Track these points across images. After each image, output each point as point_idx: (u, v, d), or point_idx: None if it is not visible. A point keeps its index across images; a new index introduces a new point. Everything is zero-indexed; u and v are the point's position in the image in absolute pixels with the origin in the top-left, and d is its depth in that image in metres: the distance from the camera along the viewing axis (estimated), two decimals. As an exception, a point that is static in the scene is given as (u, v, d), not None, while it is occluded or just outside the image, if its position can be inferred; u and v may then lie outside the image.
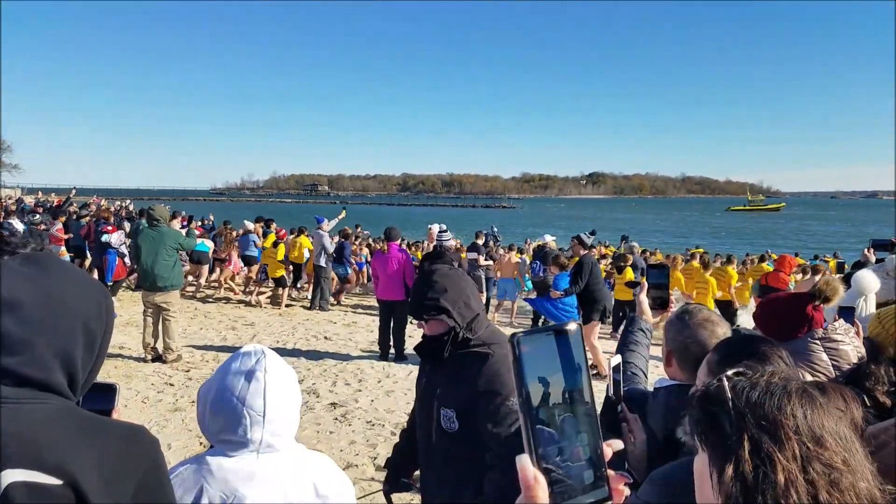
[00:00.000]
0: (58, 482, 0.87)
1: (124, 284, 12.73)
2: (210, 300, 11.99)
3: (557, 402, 0.64)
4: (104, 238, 10.52)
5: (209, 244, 12.64)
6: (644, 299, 2.23)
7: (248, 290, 12.88)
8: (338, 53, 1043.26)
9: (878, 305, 3.64)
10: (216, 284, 13.21)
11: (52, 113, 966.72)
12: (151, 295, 7.15)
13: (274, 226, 12.76)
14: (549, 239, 11.79)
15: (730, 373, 0.83)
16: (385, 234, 8.65)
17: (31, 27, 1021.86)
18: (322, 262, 11.39)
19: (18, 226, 12.52)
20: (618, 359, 1.80)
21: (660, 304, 2.27)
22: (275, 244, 11.76)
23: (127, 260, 10.82)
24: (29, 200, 21.42)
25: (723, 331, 1.68)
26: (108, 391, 1.27)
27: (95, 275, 11.05)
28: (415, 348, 2.09)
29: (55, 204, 18.60)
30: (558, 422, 0.64)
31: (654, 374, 3.08)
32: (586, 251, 8.08)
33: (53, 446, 0.89)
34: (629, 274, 10.50)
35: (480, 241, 12.30)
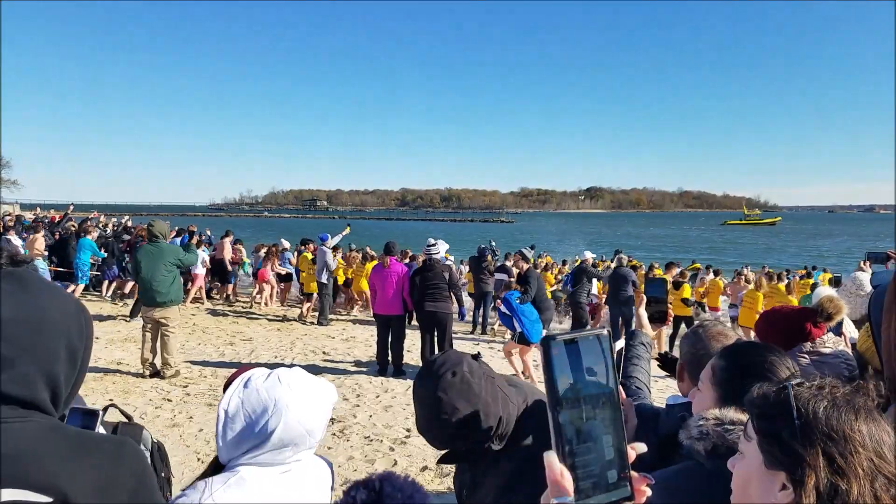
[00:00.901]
0: (48, 500, 0.88)
1: (121, 300, 12.77)
2: (209, 314, 11.98)
3: (586, 403, 0.67)
4: None
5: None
6: (643, 313, 2.24)
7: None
8: (336, 68, 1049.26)
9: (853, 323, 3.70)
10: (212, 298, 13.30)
11: (49, 128, 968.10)
12: (150, 310, 7.16)
13: (311, 245, 13.10)
14: (589, 256, 12.00)
15: (794, 382, 0.88)
16: (385, 249, 8.66)
17: (27, 41, 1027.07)
18: (324, 279, 11.48)
19: (16, 241, 12.55)
20: (620, 343, 1.82)
21: (658, 317, 2.28)
22: (314, 261, 12.09)
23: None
24: (28, 216, 21.40)
25: None
26: (91, 416, 1.28)
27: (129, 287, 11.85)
28: (438, 462, 1.65)
29: (53, 220, 18.63)
30: (585, 422, 0.66)
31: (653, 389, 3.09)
32: (529, 265, 8.50)
33: (42, 464, 0.90)
34: (686, 291, 10.88)
35: (510, 263, 12.57)
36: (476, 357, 1.52)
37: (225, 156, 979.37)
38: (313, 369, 7.91)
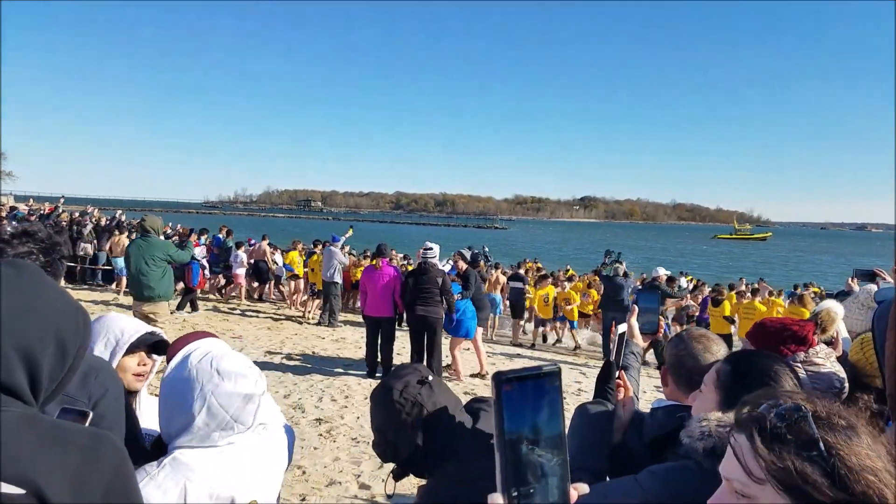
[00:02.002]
0: (21, 492, 0.87)
1: (115, 295, 12.76)
2: (204, 310, 11.94)
3: (533, 444, 0.66)
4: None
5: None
6: (635, 323, 2.23)
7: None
8: (333, 70, 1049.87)
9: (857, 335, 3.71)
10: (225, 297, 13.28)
11: (43, 120, 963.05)
12: (140, 305, 7.12)
13: (320, 247, 13.36)
14: (662, 272, 11.47)
15: (808, 408, 0.80)
16: (376, 251, 8.67)
17: (22, 33, 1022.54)
18: (336, 278, 11.57)
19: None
20: (623, 327, 1.84)
21: (649, 328, 2.27)
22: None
23: (207, 272, 12.35)
24: (22, 208, 21.26)
25: (717, 347, 1.68)
26: (82, 417, 1.29)
27: (181, 285, 12.35)
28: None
29: (46, 212, 18.54)
30: (532, 463, 0.66)
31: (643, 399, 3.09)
32: (467, 265, 8.87)
33: (16, 455, 0.89)
34: (727, 308, 10.79)
35: (523, 271, 12.96)
36: (423, 381, 1.55)
37: (220, 154, 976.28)
38: (302, 369, 7.91)
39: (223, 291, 14.28)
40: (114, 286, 13.45)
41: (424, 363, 7.89)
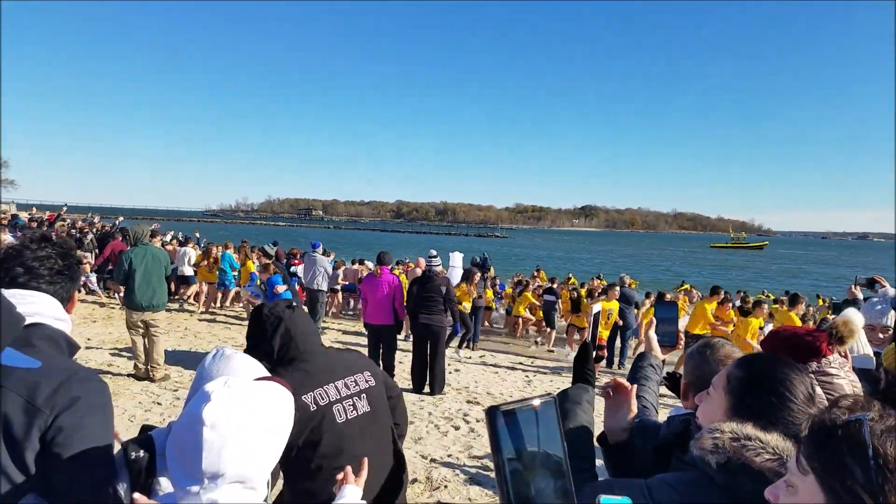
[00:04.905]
0: None
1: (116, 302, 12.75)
2: (202, 320, 11.90)
3: (532, 471, 0.68)
4: (292, 269, 12.52)
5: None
6: (653, 335, 2.20)
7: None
8: (335, 79, 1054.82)
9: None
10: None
11: (45, 129, 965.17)
12: (140, 314, 7.08)
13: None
14: None
15: (871, 414, 0.83)
16: (378, 259, 8.64)
17: (23, 39, 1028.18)
18: (324, 287, 11.48)
19: (10, 239, 12.50)
20: (598, 307, 1.84)
21: (668, 340, 2.24)
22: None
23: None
24: (24, 216, 21.32)
25: None
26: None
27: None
28: None
29: (47, 220, 18.58)
30: (532, 489, 0.68)
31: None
32: (269, 261, 10.47)
33: None
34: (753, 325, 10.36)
35: (555, 285, 13.99)
36: (290, 306, 2.31)
37: (221, 163, 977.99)
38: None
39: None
40: None
41: (427, 371, 7.85)
